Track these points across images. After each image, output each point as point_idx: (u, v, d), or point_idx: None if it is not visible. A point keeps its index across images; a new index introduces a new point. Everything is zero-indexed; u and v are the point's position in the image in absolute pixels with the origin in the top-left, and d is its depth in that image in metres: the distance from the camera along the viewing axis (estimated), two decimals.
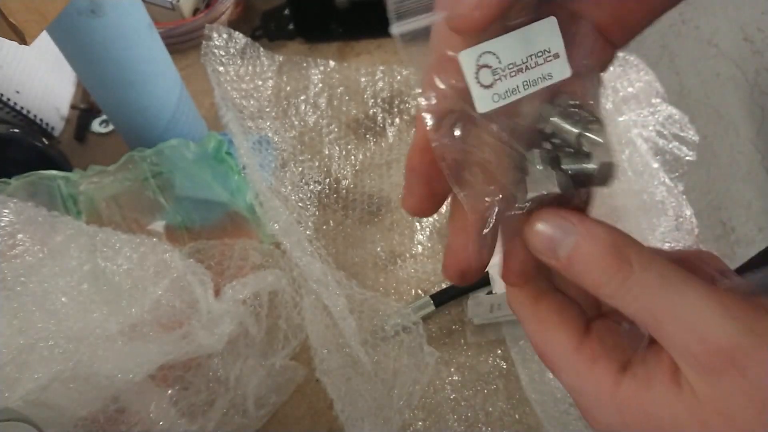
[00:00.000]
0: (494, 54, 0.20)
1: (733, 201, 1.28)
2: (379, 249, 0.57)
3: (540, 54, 0.20)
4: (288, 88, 0.67)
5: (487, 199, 0.21)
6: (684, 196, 0.55)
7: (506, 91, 0.20)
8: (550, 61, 0.20)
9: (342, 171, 0.62)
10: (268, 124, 0.64)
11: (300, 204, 0.59)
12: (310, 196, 0.60)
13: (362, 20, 0.72)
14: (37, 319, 0.41)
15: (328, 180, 0.62)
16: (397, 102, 0.66)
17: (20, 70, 0.64)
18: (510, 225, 0.22)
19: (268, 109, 0.66)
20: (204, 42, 0.64)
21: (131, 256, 0.45)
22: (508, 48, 0.20)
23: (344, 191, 0.61)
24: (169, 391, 0.46)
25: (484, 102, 0.20)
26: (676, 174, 0.57)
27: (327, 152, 0.63)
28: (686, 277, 0.19)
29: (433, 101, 0.21)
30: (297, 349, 0.50)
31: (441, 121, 0.21)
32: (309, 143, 0.64)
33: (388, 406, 0.47)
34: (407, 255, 0.56)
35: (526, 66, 0.20)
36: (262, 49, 0.68)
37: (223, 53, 0.65)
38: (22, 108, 0.63)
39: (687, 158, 0.57)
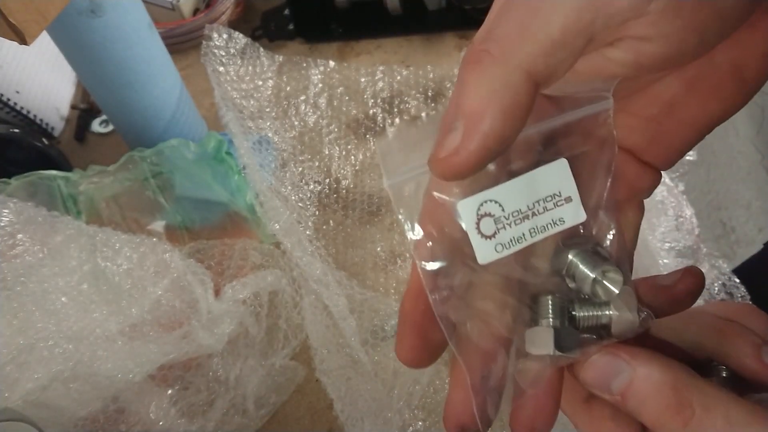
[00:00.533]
0: (497, 202, 0.18)
1: (733, 201, 1.28)
2: (379, 249, 0.57)
3: (549, 199, 0.19)
4: (288, 89, 0.67)
5: (489, 353, 0.20)
6: (684, 196, 0.55)
7: (511, 240, 0.19)
8: (562, 205, 0.19)
9: (342, 171, 0.62)
10: (268, 124, 0.64)
11: (300, 204, 0.59)
12: (310, 196, 0.60)
13: (362, 20, 0.72)
14: (37, 319, 0.41)
15: (328, 180, 0.62)
16: (397, 102, 0.66)
17: (20, 70, 0.64)
18: (524, 377, 0.20)
19: (268, 110, 0.66)
20: (204, 42, 0.64)
21: (131, 256, 0.45)
22: (512, 194, 0.18)
23: (344, 191, 0.61)
24: (169, 391, 0.46)
25: (485, 253, 0.19)
26: (676, 174, 0.57)
27: (327, 152, 0.63)
28: (753, 418, 0.18)
29: (429, 244, 0.20)
30: (297, 349, 0.50)
31: (438, 269, 0.20)
32: (309, 143, 0.64)
33: (388, 407, 0.47)
34: (407, 255, 0.56)
35: (533, 212, 0.19)
36: (262, 49, 0.68)
37: (223, 53, 0.65)
38: (22, 108, 0.63)
39: (687, 158, 0.57)
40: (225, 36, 0.65)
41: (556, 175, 0.19)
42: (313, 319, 0.50)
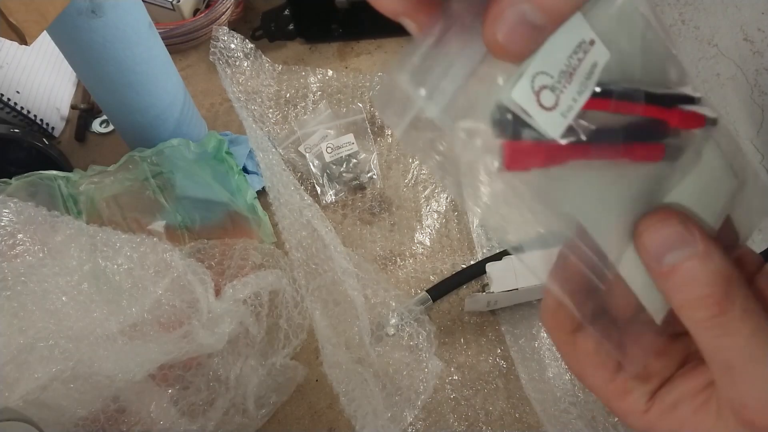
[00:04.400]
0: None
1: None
2: (379, 249, 0.57)
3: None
4: (288, 95, 0.68)
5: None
6: None
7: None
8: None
9: None
10: (267, 129, 0.64)
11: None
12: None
13: (362, 20, 0.72)
14: (37, 319, 0.41)
15: None
16: None
17: (21, 70, 0.64)
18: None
19: (269, 114, 0.66)
20: (212, 42, 0.64)
21: (131, 255, 0.45)
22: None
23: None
24: (170, 391, 0.46)
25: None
26: None
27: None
28: None
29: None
30: (297, 349, 0.50)
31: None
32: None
33: (394, 404, 0.47)
34: (407, 255, 0.56)
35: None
36: (264, 56, 0.68)
37: (230, 55, 0.66)
38: (22, 108, 0.63)
39: None
40: (233, 38, 0.66)
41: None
42: (321, 313, 0.50)
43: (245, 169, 0.59)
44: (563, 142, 0.18)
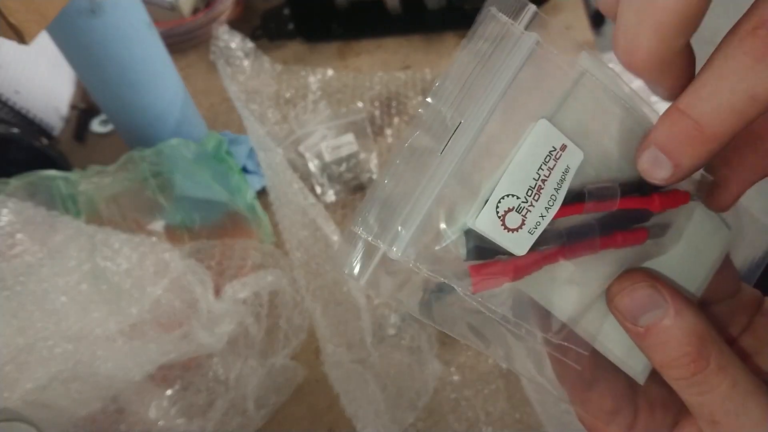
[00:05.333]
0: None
1: None
2: None
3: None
4: (287, 95, 0.68)
5: None
6: None
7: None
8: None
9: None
10: (267, 129, 0.64)
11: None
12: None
13: (362, 20, 0.72)
14: (37, 319, 0.41)
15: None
16: (395, 104, 0.66)
17: (20, 70, 0.64)
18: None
19: (269, 114, 0.66)
20: (213, 41, 0.64)
21: (131, 255, 0.45)
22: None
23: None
24: (169, 391, 0.46)
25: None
26: None
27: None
28: (756, 391, 0.19)
29: None
30: (297, 349, 0.50)
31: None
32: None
33: (396, 405, 0.47)
34: None
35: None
36: (265, 56, 0.68)
37: (230, 55, 0.66)
38: (21, 108, 0.63)
39: None
40: (234, 37, 0.66)
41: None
42: (322, 313, 0.50)
43: (245, 169, 0.59)
44: (528, 255, 0.18)
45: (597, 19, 0.97)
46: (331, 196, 0.60)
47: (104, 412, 0.43)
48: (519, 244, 0.18)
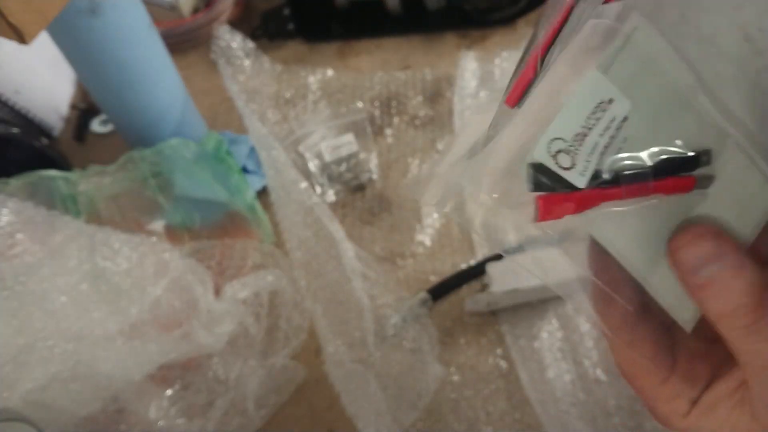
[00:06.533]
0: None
1: None
2: (378, 249, 0.57)
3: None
4: (287, 95, 0.68)
5: None
6: None
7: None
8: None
9: None
10: (267, 130, 0.64)
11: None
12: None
13: (362, 20, 0.72)
14: (37, 319, 0.41)
15: None
16: (395, 104, 0.66)
17: (20, 70, 0.64)
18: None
19: (269, 114, 0.66)
20: (214, 40, 0.64)
21: (131, 255, 0.45)
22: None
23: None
24: (169, 391, 0.46)
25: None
26: None
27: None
28: None
29: None
30: (297, 348, 0.50)
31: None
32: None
33: (396, 406, 0.47)
34: (407, 255, 0.56)
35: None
36: (265, 56, 0.68)
37: (231, 54, 0.66)
38: (21, 108, 0.63)
39: None
40: (234, 37, 0.66)
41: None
42: (324, 313, 0.50)
43: (245, 169, 0.59)
44: (589, 188, 0.20)
45: None
46: (331, 196, 0.60)
47: (104, 412, 0.43)
48: (577, 180, 0.20)
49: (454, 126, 0.63)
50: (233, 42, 0.66)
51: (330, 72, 0.69)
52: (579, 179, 0.20)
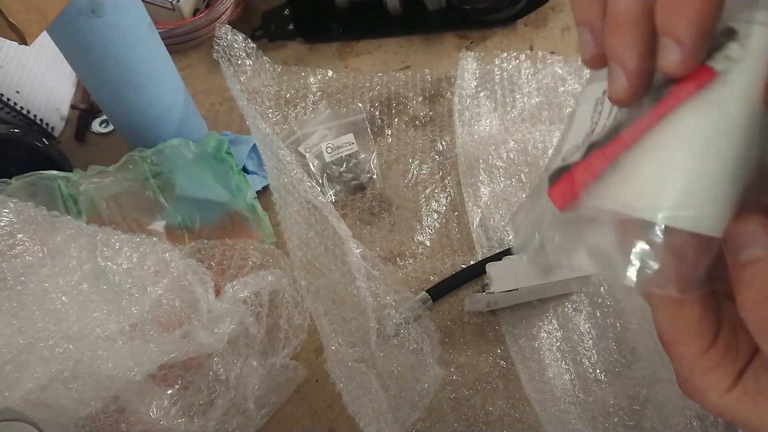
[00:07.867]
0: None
1: None
2: (378, 249, 0.57)
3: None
4: (287, 96, 0.68)
5: None
6: None
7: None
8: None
9: None
10: (268, 130, 0.64)
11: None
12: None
13: (362, 20, 0.72)
14: (37, 319, 0.41)
15: None
16: (395, 104, 0.66)
17: (20, 70, 0.64)
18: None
19: (269, 115, 0.66)
20: (215, 40, 0.64)
21: (131, 255, 0.45)
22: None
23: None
24: (170, 391, 0.46)
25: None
26: None
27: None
28: None
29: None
30: (297, 349, 0.50)
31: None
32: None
33: (398, 406, 0.47)
34: (407, 255, 0.56)
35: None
36: (265, 57, 0.68)
37: (232, 54, 0.66)
38: (22, 108, 0.63)
39: None
40: (236, 37, 0.66)
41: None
42: (326, 312, 0.50)
43: (245, 169, 0.59)
44: (589, 156, 0.21)
45: None
46: (331, 197, 0.60)
47: (105, 412, 0.43)
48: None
49: (455, 126, 0.63)
50: (235, 42, 0.66)
51: (330, 72, 0.69)
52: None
